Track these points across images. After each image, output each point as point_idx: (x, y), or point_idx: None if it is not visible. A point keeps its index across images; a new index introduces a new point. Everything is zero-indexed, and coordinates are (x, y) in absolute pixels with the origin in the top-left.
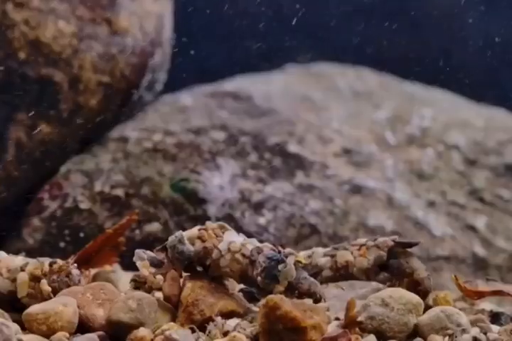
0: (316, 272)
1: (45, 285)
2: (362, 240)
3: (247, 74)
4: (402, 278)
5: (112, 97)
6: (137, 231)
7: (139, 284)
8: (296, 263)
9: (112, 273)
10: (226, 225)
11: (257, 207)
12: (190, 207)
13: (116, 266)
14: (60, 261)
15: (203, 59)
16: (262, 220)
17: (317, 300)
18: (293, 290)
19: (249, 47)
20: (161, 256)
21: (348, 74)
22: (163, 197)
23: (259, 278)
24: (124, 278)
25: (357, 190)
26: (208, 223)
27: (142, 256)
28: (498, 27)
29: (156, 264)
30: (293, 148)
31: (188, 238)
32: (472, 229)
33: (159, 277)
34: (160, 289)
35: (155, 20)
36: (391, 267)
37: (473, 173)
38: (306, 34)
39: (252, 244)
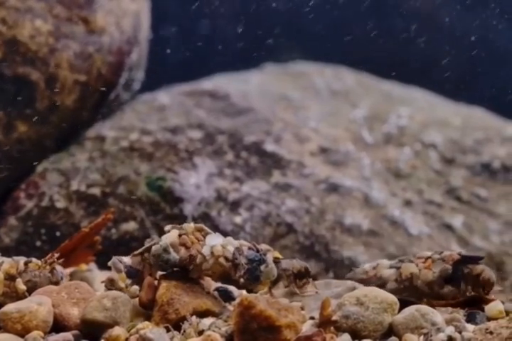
0: (379, 284)
1: (20, 284)
2: (427, 253)
3: (225, 72)
4: (471, 289)
5: (88, 96)
6: (113, 230)
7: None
8: (275, 259)
9: (87, 272)
10: (204, 227)
11: (234, 206)
12: (166, 205)
13: (92, 265)
14: (35, 260)
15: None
16: (238, 219)
17: (308, 272)
18: (290, 279)
19: (227, 45)
20: (137, 259)
21: (326, 73)
22: (139, 196)
23: (241, 279)
24: (100, 277)
25: (333, 188)
26: (185, 225)
27: (119, 268)
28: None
29: (133, 275)
30: (270, 147)
31: (171, 245)
32: (449, 227)
33: (135, 287)
34: (136, 297)
35: (132, 19)
36: (456, 281)
37: (451, 172)
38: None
39: (231, 244)
